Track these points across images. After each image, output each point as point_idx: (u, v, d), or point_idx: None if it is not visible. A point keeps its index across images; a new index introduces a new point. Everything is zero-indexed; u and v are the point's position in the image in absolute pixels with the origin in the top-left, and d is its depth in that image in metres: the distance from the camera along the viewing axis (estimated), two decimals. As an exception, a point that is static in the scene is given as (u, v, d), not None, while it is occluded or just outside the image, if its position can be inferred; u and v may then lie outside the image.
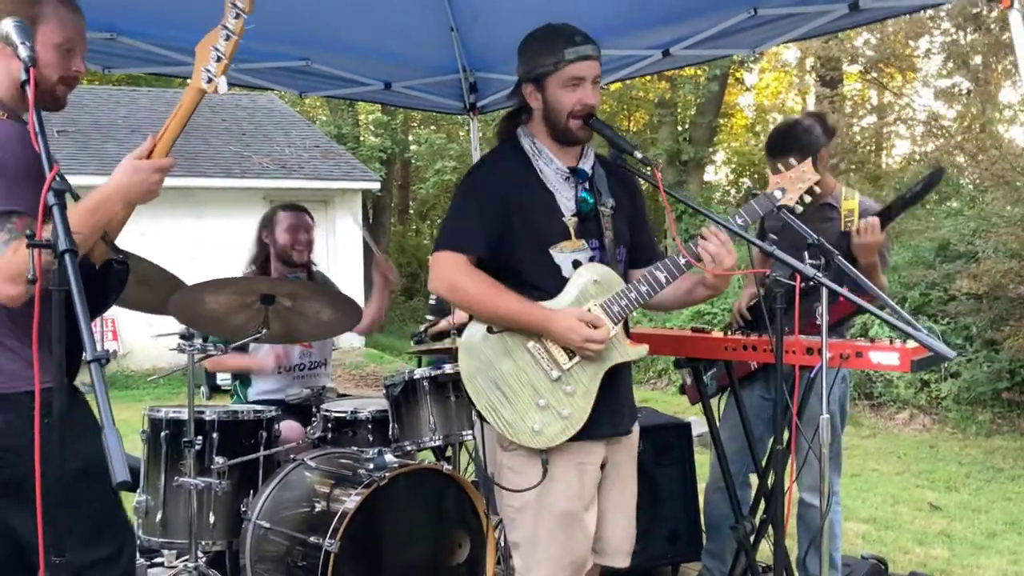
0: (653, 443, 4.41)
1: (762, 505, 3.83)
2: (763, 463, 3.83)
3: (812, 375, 3.02)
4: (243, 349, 4.31)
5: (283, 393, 4.26)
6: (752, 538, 3.61)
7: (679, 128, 20.14)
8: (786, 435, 3.37)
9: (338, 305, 3.71)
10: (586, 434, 2.70)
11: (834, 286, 2.48)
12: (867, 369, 3.42)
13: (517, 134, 2.86)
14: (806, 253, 2.79)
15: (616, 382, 2.79)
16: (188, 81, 2.45)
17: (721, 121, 21.67)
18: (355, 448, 3.90)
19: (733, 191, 23.67)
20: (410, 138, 24.89)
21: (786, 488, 2.79)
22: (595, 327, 2.65)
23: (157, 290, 3.36)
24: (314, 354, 4.49)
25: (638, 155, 2.69)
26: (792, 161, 3.69)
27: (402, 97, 5.35)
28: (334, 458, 3.76)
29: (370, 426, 4.04)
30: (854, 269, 2.94)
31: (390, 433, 3.90)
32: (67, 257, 1.67)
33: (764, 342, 3.23)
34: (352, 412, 4.06)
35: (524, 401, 2.67)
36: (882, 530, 6.30)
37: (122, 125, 16.00)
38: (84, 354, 1.58)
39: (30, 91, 1.92)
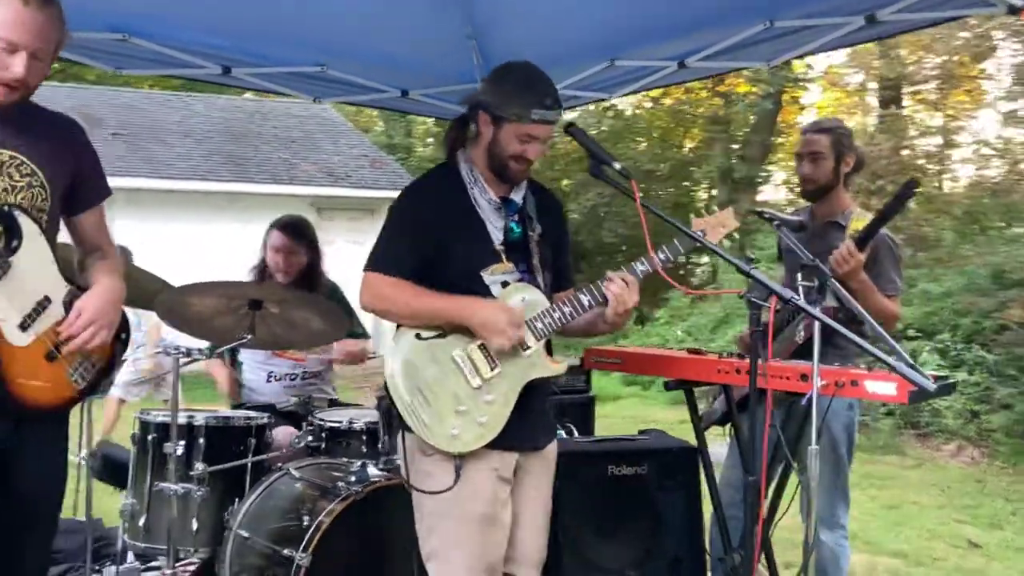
0: (657, 467, 4.24)
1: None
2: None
3: (804, 403, 2.88)
4: (233, 353, 4.31)
5: (273, 400, 4.22)
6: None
7: (733, 146, 19.88)
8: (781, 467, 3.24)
9: (327, 315, 3.66)
10: (501, 443, 2.80)
11: (810, 309, 2.35)
12: (863, 398, 3.26)
13: (456, 158, 2.97)
14: (799, 275, 2.71)
15: (532, 400, 2.88)
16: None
17: (779, 141, 21.33)
18: (345, 459, 3.84)
19: (791, 211, 23.29)
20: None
21: (760, 521, 2.64)
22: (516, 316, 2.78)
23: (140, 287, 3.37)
24: (308, 365, 4.45)
25: (616, 166, 2.69)
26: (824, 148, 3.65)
27: (419, 105, 5.30)
28: (320, 468, 3.70)
29: (364, 437, 3.96)
30: (846, 292, 2.79)
31: (379, 445, 3.82)
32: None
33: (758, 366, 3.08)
34: (347, 422, 4.00)
35: (444, 407, 2.77)
36: (912, 566, 6.05)
37: (175, 129, 16.28)
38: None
39: None
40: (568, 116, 21.28)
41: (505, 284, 2.87)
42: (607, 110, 21.30)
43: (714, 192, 19.81)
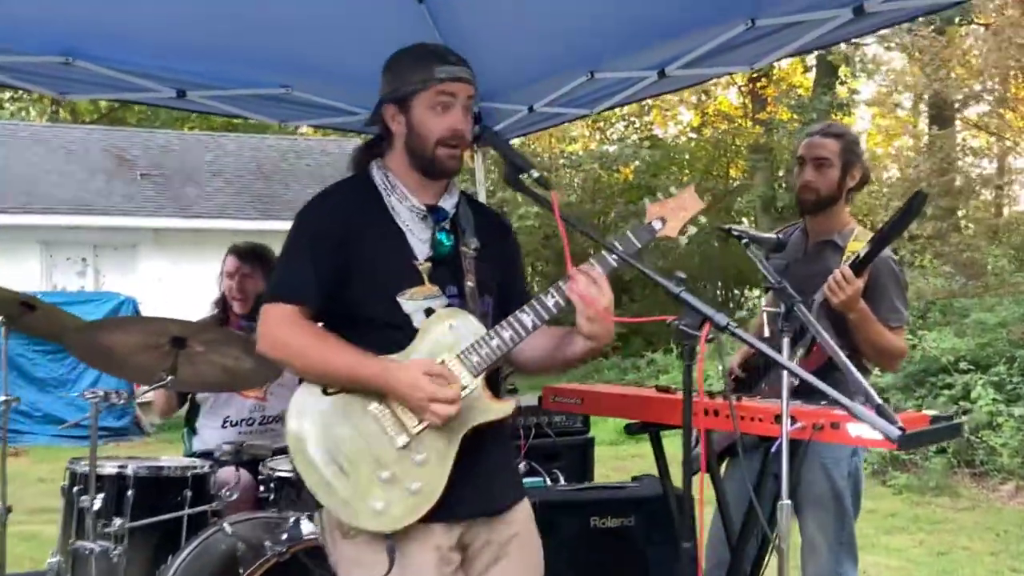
0: (647, 518, 3.87)
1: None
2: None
3: (773, 449, 2.47)
4: (192, 397, 4.01)
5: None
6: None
7: (777, 173, 19.37)
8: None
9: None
10: (444, 514, 2.29)
11: (748, 338, 1.94)
12: (844, 443, 2.83)
13: (369, 167, 2.50)
14: (762, 299, 2.32)
15: (482, 451, 2.35)
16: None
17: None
18: (291, 513, 3.49)
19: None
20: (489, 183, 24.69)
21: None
22: (446, 382, 2.24)
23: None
24: (268, 408, 4.11)
25: (534, 174, 2.27)
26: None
27: (397, 129, 5.01)
28: (255, 524, 3.37)
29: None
30: (811, 318, 2.38)
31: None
32: None
33: (727, 406, 2.69)
34: (295, 471, 3.65)
35: (365, 475, 2.26)
36: (958, 620, 5.53)
37: (205, 169, 16.37)
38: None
39: None
40: (606, 148, 20.73)
41: (429, 312, 2.37)
42: (645, 139, 21.00)
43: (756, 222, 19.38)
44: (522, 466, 4.29)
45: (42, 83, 4.18)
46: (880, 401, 1.99)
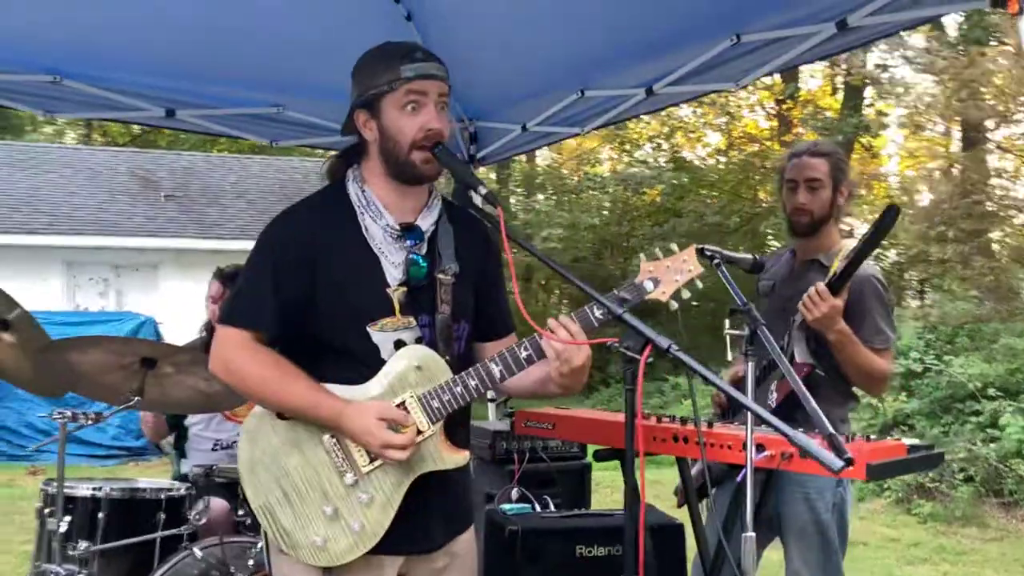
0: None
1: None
2: None
3: (739, 479, 2.36)
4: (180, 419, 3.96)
5: None
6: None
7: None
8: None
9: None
10: (380, 548, 2.23)
11: (691, 361, 1.84)
12: (813, 474, 2.71)
13: (345, 178, 2.37)
14: (726, 320, 2.24)
15: (430, 492, 2.28)
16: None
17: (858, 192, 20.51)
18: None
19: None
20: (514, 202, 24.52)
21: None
22: (401, 427, 2.18)
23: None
24: None
25: (482, 190, 2.19)
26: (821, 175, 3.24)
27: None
28: (225, 548, 3.33)
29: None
30: (772, 340, 2.29)
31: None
32: None
33: (694, 432, 2.59)
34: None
35: (309, 507, 2.23)
36: (979, 657, 5.35)
37: (230, 191, 16.48)
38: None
39: None
40: (632, 170, 20.54)
41: (399, 344, 2.26)
42: (669, 161, 20.88)
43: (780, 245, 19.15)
44: (514, 492, 4.19)
45: (27, 102, 4.19)
46: (832, 430, 1.89)
